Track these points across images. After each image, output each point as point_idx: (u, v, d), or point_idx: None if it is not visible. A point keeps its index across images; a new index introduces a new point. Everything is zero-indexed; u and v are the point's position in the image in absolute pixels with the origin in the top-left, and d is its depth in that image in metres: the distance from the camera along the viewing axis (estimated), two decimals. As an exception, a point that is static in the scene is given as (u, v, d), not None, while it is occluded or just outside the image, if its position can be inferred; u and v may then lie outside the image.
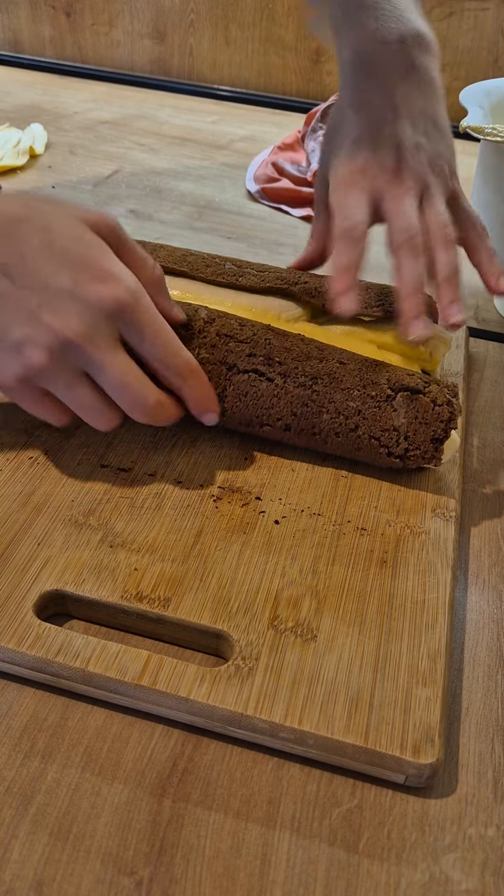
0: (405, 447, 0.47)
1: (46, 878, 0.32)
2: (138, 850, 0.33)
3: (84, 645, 0.37)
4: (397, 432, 0.47)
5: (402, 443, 0.47)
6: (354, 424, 0.47)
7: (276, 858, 0.33)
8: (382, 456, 0.47)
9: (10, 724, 0.36)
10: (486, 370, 0.63)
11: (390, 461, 0.47)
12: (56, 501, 0.45)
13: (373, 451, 0.47)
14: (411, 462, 0.47)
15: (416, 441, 0.47)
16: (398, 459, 0.47)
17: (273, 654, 0.38)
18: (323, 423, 0.47)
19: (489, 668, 0.41)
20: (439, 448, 0.47)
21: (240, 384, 0.47)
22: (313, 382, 0.47)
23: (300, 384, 0.47)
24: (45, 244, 0.40)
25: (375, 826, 0.34)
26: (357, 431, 0.47)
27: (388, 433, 0.47)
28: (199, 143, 1.03)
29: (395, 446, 0.47)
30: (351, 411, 0.47)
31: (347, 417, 0.47)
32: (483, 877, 0.33)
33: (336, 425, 0.47)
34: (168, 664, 0.37)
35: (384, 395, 0.47)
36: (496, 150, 0.63)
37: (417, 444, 0.47)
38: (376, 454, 0.47)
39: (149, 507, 0.45)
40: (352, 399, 0.47)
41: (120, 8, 1.21)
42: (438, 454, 0.47)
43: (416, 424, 0.46)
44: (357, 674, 0.37)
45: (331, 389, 0.47)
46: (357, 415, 0.47)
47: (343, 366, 0.48)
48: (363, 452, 0.48)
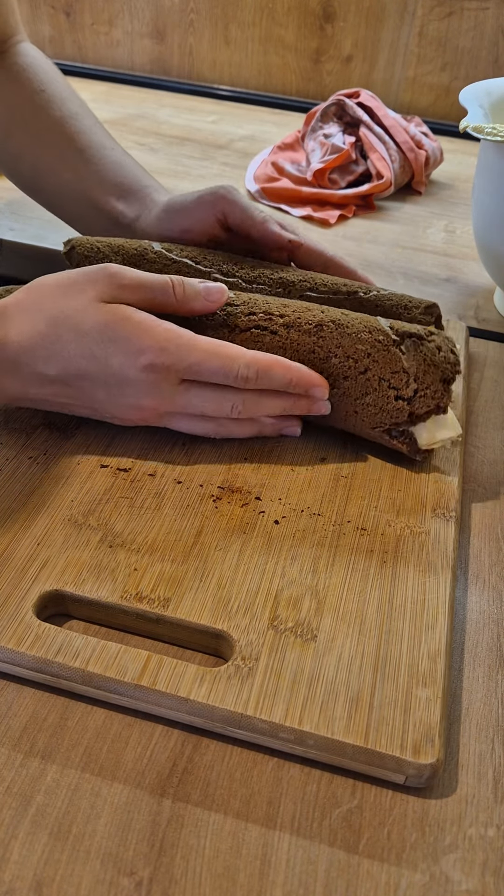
0: (415, 388, 0.47)
1: (46, 879, 0.32)
2: (138, 851, 0.33)
3: (84, 645, 0.37)
4: (407, 374, 0.47)
5: (411, 384, 0.47)
6: (364, 367, 0.48)
7: (276, 859, 0.33)
8: (390, 400, 0.48)
9: (10, 724, 0.36)
10: (486, 370, 0.63)
11: (397, 406, 0.48)
12: (56, 501, 0.45)
13: (381, 396, 0.48)
14: (418, 405, 0.48)
15: (427, 381, 0.48)
16: (406, 403, 0.48)
17: (273, 654, 0.38)
18: (332, 367, 0.48)
19: (489, 668, 0.41)
20: (448, 389, 0.48)
21: (245, 342, 0.48)
22: (318, 329, 0.48)
23: (305, 332, 0.48)
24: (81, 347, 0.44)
25: (375, 826, 0.34)
26: (367, 374, 0.48)
27: (398, 375, 0.47)
28: (198, 142, 1.03)
29: (405, 387, 0.47)
30: (360, 354, 0.48)
31: (357, 360, 0.48)
32: (483, 877, 0.33)
33: (345, 369, 0.48)
34: (168, 664, 0.37)
35: (391, 340, 0.48)
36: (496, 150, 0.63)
37: (427, 384, 0.48)
38: (385, 399, 0.48)
39: (149, 507, 0.45)
40: (360, 342, 0.48)
41: (120, 8, 1.21)
42: (447, 395, 0.48)
43: (425, 366, 0.48)
44: (357, 674, 0.37)
45: (337, 334, 0.48)
46: (367, 357, 0.48)
47: (346, 315, 0.49)
48: (370, 398, 0.48)
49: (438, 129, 1.07)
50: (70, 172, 0.61)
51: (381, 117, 0.94)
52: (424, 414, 0.48)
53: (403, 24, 1.12)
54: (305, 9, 1.14)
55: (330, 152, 0.92)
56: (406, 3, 1.10)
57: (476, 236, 0.71)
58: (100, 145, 0.62)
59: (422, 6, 1.10)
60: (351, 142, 0.93)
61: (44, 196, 0.65)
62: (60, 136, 0.62)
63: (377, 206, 0.92)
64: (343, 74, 1.18)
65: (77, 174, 0.61)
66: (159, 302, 0.46)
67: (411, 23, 1.11)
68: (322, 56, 1.17)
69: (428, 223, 0.89)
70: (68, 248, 0.55)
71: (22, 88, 0.63)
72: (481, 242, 0.71)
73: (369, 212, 0.91)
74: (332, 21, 1.14)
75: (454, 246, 0.85)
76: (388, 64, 1.16)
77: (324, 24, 1.15)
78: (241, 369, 0.45)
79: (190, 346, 0.45)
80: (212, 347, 0.45)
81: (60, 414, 0.51)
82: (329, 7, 1.13)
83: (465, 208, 0.93)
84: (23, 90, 0.63)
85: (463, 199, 0.96)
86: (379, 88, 1.17)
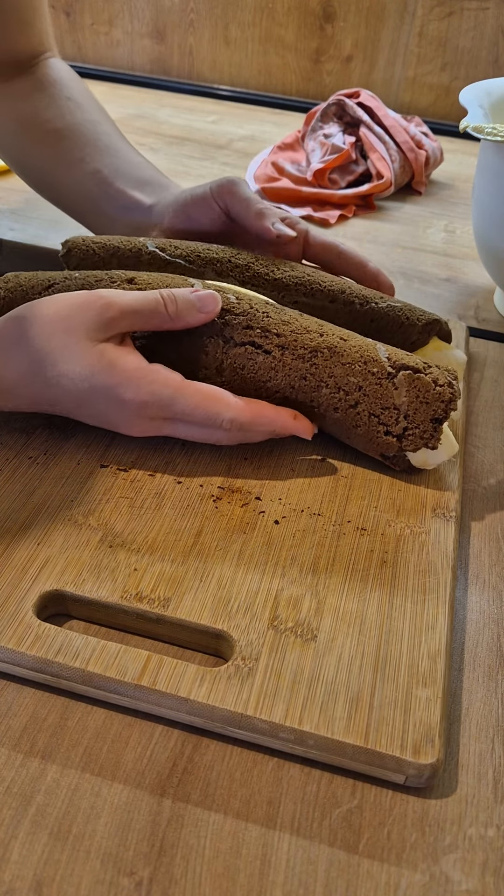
0: (404, 426, 0.46)
1: (46, 879, 0.32)
2: (138, 851, 0.33)
3: (84, 645, 0.37)
4: (397, 410, 0.46)
5: (401, 421, 0.46)
6: (355, 401, 0.46)
7: (276, 859, 0.33)
8: (380, 435, 0.47)
9: (10, 724, 0.36)
10: (486, 370, 0.63)
11: (387, 441, 0.47)
12: (56, 501, 0.45)
13: (371, 430, 0.47)
14: (407, 443, 0.46)
15: (416, 420, 0.46)
16: (395, 439, 0.46)
17: (273, 654, 0.38)
18: (322, 397, 0.47)
19: (489, 668, 0.41)
20: (438, 429, 0.46)
21: (237, 357, 0.47)
22: (313, 355, 0.47)
23: (299, 356, 0.47)
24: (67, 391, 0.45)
25: (375, 826, 0.34)
26: (357, 408, 0.46)
27: (389, 411, 0.46)
28: (198, 142, 1.03)
29: (395, 425, 0.46)
30: (352, 387, 0.46)
31: (348, 393, 0.46)
32: (483, 877, 0.33)
33: (335, 400, 0.47)
34: (168, 664, 0.37)
35: (385, 373, 0.46)
36: (496, 150, 0.63)
37: (417, 423, 0.46)
38: (374, 433, 0.47)
39: (149, 507, 0.45)
40: (353, 374, 0.46)
41: (120, 8, 1.21)
42: (437, 435, 0.46)
43: (416, 403, 0.46)
44: (357, 674, 0.37)
45: (331, 363, 0.46)
46: (358, 391, 0.46)
47: (344, 341, 0.47)
48: (360, 430, 0.47)
49: (438, 129, 1.07)
50: (90, 166, 0.62)
51: (381, 117, 0.94)
52: (414, 450, 0.47)
53: (403, 24, 1.12)
54: (305, 9, 1.14)
55: (330, 152, 0.92)
56: (406, 3, 1.10)
57: (476, 236, 0.71)
58: (120, 148, 0.64)
59: (422, 6, 1.10)
60: (351, 142, 0.93)
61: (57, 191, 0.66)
62: (83, 135, 0.63)
63: (377, 206, 0.92)
64: (343, 74, 1.18)
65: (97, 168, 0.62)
66: (154, 324, 0.46)
67: (411, 23, 1.11)
68: (322, 56, 1.17)
69: (428, 223, 0.89)
70: (65, 250, 0.55)
71: (48, 96, 0.65)
72: (481, 242, 0.71)
73: (369, 212, 0.91)
74: (332, 21, 1.14)
75: (454, 246, 0.85)
76: (388, 64, 1.16)
77: (324, 24, 1.15)
78: (225, 422, 0.45)
79: (172, 399, 0.44)
80: (196, 399, 0.45)
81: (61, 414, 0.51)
82: (329, 7, 1.13)
83: (465, 208, 0.93)
84: (48, 97, 0.65)
85: (463, 199, 0.96)
86: (379, 88, 1.17)
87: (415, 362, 0.47)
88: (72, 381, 0.44)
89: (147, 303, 0.45)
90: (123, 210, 0.61)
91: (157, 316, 0.46)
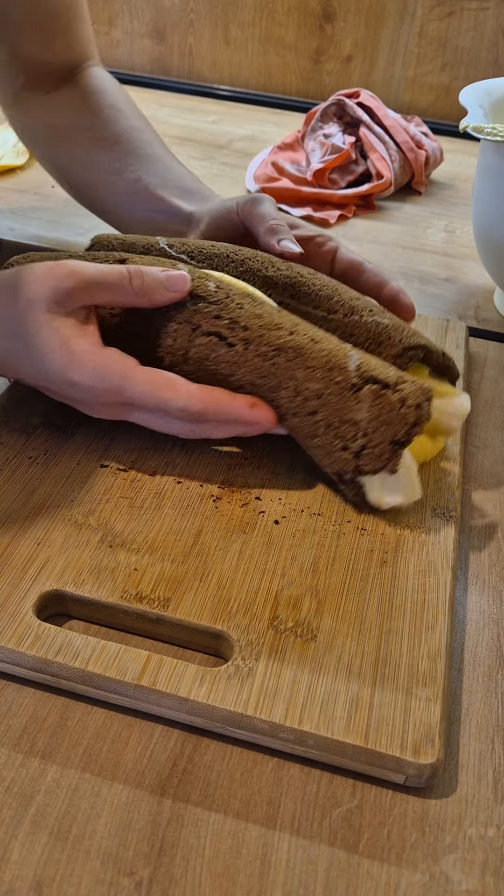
0: (362, 444, 0.43)
1: (46, 879, 0.32)
2: (138, 851, 0.33)
3: (84, 645, 0.37)
4: (356, 426, 0.43)
5: (359, 439, 0.43)
6: (313, 408, 0.43)
7: (276, 859, 0.33)
8: (336, 449, 0.44)
9: (10, 724, 0.36)
10: (486, 370, 0.62)
11: (343, 457, 0.44)
12: (56, 501, 0.45)
13: (327, 442, 0.44)
14: (364, 462, 0.43)
15: (375, 440, 0.43)
16: (352, 455, 0.43)
17: (273, 654, 0.38)
18: (281, 399, 0.44)
19: (489, 668, 0.41)
20: (397, 452, 0.43)
21: (201, 347, 0.45)
22: (276, 354, 0.44)
23: (261, 353, 0.44)
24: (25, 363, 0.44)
25: (375, 826, 0.34)
26: (315, 416, 0.44)
27: (347, 425, 0.43)
28: (199, 142, 1.03)
29: (352, 441, 0.43)
30: (311, 394, 0.43)
31: (307, 399, 0.43)
32: (483, 877, 0.33)
33: (294, 405, 0.44)
34: (168, 664, 0.37)
35: (349, 384, 0.43)
36: (496, 150, 0.63)
37: (376, 443, 0.43)
38: (330, 446, 0.44)
39: (149, 507, 0.45)
40: (314, 380, 0.43)
41: (119, 7, 1.21)
42: (395, 459, 0.43)
43: (377, 422, 0.43)
44: (357, 674, 0.37)
45: (293, 365, 0.44)
46: (317, 398, 0.43)
47: (314, 343, 0.44)
48: (317, 441, 0.44)
49: (438, 129, 1.07)
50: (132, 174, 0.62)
51: (381, 117, 0.94)
52: (372, 471, 0.43)
53: (403, 24, 1.12)
54: (305, 9, 1.14)
55: (330, 152, 0.92)
56: (406, 3, 1.10)
57: (476, 236, 0.71)
58: (162, 156, 0.63)
59: (422, 6, 1.10)
60: (351, 142, 0.93)
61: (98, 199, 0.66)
62: (126, 144, 0.63)
63: (377, 206, 0.92)
64: (343, 74, 1.18)
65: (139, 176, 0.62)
66: (119, 300, 0.45)
67: (411, 23, 1.11)
68: (322, 56, 1.17)
69: (428, 223, 0.89)
70: (90, 244, 0.55)
71: (91, 104, 0.65)
72: (481, 242, 0.71)
73: (369, 212, 0.91)
74: (332, 21, 1.14)
75: (454, 246, 0.85)
76: (387, 64, 1.16)
77: (324, 24, 1.15)
78: (175, 411, 0.43)
79: (121, 385, 0.43)
80: (145, 386, 0.43)
81: (60, 414, 0.51)
82: (329, 7, 1.13)
83: (465, 208, 0.93)
84: (91, 106, 0.65)
85: (463, 199, 0.96)
86: (379, 88, 1.17)
87: (386, 376, 0.43)
88: (28, 355, 0.43)
89: (110, 275, 0.44)
90: (163, 217, 0.60)
91: (121, 290, 0.44)
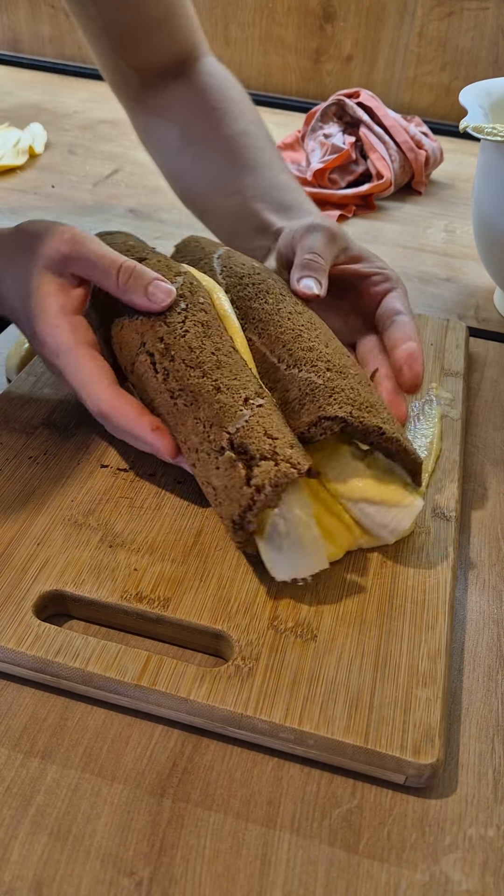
0: (220, 512, 0.40)
1: (46, 879, 0.32)
2: (138, 851, 0.33)
3: (84, 645, 0.37)
4: (215, 491, 0.40)
5: (217, 506, 0.40)
6: (192, 461, 0.42)
7: (276, 859, 0.33)
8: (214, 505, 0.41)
9: (10, 724, 0.36)
10: (486, 370, 0.62)
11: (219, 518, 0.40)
12: (56, 501, 0.45)
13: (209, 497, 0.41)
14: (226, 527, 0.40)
15: (223, 512, 0.39)
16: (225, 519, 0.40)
17: (273, 654, 0.38)
18: (179, 438, 0.42)
19: (489, 668, 0.41)
20: (238, 532, 0.38)
21: (141, 363, 0.44)
22: (179, 395, 0.42)
23: (169, 389, 0.42)
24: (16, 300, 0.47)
25: (375, 826, 0.34)
26: (195, 469, 0.41)
27: (209, 488, 0.40)
28: (198, 142, 1.03)
29: (216, 505, 0.40)
30: (191, 446, 0.41)
31: (189, 450, 0.42)
32: (483, 877, 0.33)
33: (186, 452, 0.42)
34: (168, 664, 0.37)
35: (218, 446, 0.40)
36: (496, 150, 0.63)
37: (224, 515, 0.39)
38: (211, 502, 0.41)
39: (149, 507, 0.45)
40: (196, 433, 0.41)
41: (120, 7, 1.21)
42: (236, 537, 0.39)
43: (224, 494, 0.39)
44: (357, 674, 0.37)
45: (188, 411, 0.41)
46: (195, 452, 0.41)
47: (215, 392, 0.41)
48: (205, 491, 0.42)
49: (438, 129, 1.07)
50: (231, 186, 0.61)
51: (381, 117, 0.94)
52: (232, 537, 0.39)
53: (403, 24, 1.12)
54: (305, 9, 1.14)
55: (330, 152, 0.92)
56: (406, 3, 1.10)
57: (476, 236, 0.71)
58: (266, 164, 0.62)
59: (422, 6, 1.10)
60: (351, 142, 0.93)
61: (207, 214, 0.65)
62: (228, 153, 0.62)
63: (377, 206, 0.92)
64: (343, 74, 1.18)
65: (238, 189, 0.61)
66: (103, 283, 0.46)
67: (411, 23, 1.11)
68: (322, 56, 1.17)
69: (428, 223, 0.89)
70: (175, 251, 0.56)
71: (198, 106, 0.64)
72: (481, 242, 0.71)
73: (369, 212, 0.91)
74: (332, 21, 1.14)
75: (454, 246, 0.85)
76: (388, 64, 1.16)
77: (324, 24, 1.15)
78: (89, 404, 0.44)
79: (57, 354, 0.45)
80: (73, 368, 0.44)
81: (60, 414, 0.51)
82: (329, 7, 1.13)
83: (465, 208, 0.93)
84: (199, 108, 0.63)
85: (463, 199, 0.96)
86: (379, 88, 1.17)
87: (258, 447, 0.39)
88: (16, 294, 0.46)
89: (103, 259, 0.45)
90: (255, 232, 0.59)
91: (106, 276, 0.45)
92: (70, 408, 0.52)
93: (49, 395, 0.53)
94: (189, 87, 0.64)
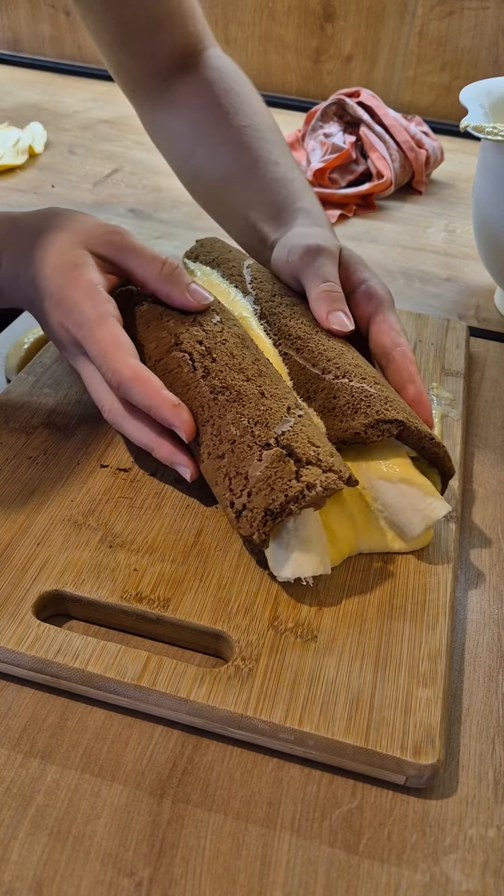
0: (244, 503, 0.40)
1: (46, 879, 0.32)
2: (138, 851, 0.33)
3: (83, 645, 0.37)
4: (246, 481, 0.40)
5: (243, 496, 0.40)
6: (222, 452, 0.41)
7: (277, 859, 0.33)
8: (226, 502, 0.41)
9: (10, 724, 0.36)
10: (486, 370, 0.62)
11: (231, 512, 0.40)
12: (56, 501, 0.45)
13: (221, 492, 0.41)
14: (242, 523, 0.40)
15: (255, 502, 0.39)
16: (234, 513, 0.40)
17: (273, 654, 0.38)
18: (204, 435, 0.43)
19: (490, 668, 0.41)
20: (268, 522, 0.38)
21: (171, 361, 0.45)
22: (221, 391, 0.43)
23: (210, 385, 0.43)
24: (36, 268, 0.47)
25: (376, 827, 0.34)
26: (221, 461, 0.41)
27: (240, 478, 0.40)
28: (198, 142, 1.03)
29: (238, 497, 0.40)
30: (227, 436, 0.41)
31: (221, 441, 0.42)
32: (483, 878, 0.33)
33: (210, 445, 0.42)
34: (168, 665, 0.37)
35: (264, 441, 0.40)
36: (497, 149, 0.63)
37: (254, 505, 0.39)
38: (223, 497, 0.41)
39: (149, 507, 0.45)
40: (236, 425, 0.41)
41: (120, 7, 1.21)
42: (264, 529, 0.38)
43: (263, 483, 0.39)
44: (357, 674, 0.37)
45: (229, 406, 0.42)
46: (230, 443, 0.41)
47: (261, 397, 0.42)
48: (217, 490, 0.42)
49: (439, 129, 1.07)
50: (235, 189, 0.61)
51: (382, 116, 0.94)
52: (248, 535, 0.39)
53: (403, 23, 1.12)
54: (305, 8, 1.14)
55: (330, 152, 0.92)
56: (406, 2, 1.10)
57: (476, 236, 0.71)
58: (267, 160, 0.61)
59: (422, 6, 1.10)
60: (351, 141, 0.93)
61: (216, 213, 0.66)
62: (233, 151, 0.62)
63: (377, 206, 0.92)
64: (343, 74, 1.18)
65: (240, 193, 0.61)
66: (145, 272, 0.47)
67: (411, 22, 1.11)
68: (322, 56, 1.17)
69: (428, 223, 0.89)
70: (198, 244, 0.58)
71: (206, 101, 0.63)
72: (481, 242, 0.71)
73: (369, 211, 0.91)
74: (332, 21, 1.14)
75: (454, 245, 0.85)
76: (388, 63, 1.16)
77: (324, 24, 1.15)
78: (108, 372, 0.43)
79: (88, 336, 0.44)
80: (101, 345, 0.43)
81: (60, 414, 0.51)
82: (329, 7, 1.13)
83: (465, 208, 0.93)
84: (206, 102, 0.63)
85: (463, 198, 0.95)
86: (379, 88, 1.17)
87: (304, 451, 0.39)
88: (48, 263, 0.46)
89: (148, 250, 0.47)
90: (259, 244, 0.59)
91: (149, 265, 0.47)
92: (70, 408, 0.52)
93: (49, 395, 0.53)
94: (196, 82, 0.64)
